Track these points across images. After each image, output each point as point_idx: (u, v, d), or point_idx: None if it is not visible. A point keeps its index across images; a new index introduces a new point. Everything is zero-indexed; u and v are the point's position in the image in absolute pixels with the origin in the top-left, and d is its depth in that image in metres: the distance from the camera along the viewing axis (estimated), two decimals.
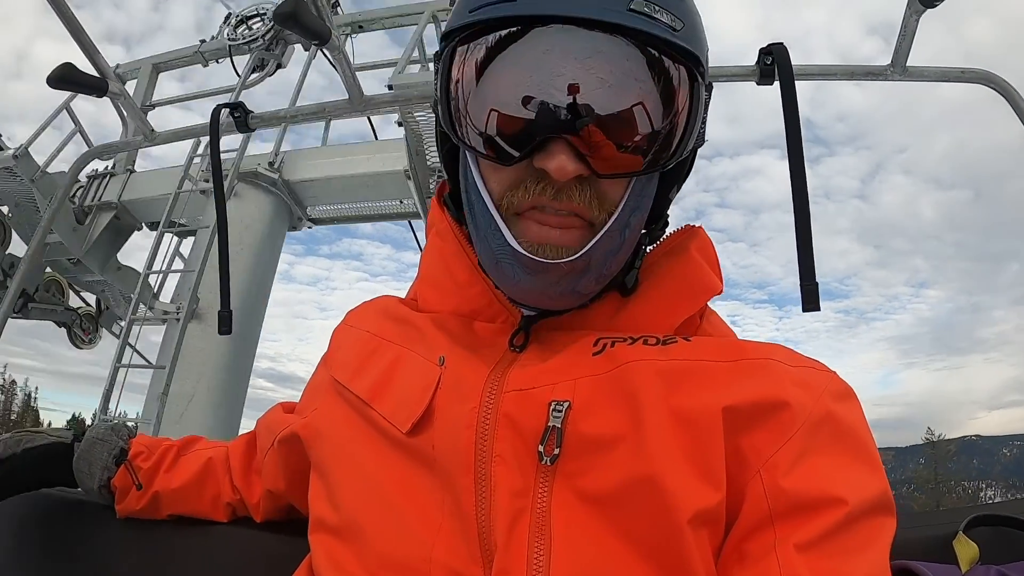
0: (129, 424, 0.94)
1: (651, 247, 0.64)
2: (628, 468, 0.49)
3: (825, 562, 0.47)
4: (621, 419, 0.51)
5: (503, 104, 0.52)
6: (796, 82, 1.13)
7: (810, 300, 1.22)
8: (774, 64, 1.10)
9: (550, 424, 0.50)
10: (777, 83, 1.10)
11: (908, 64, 1.22)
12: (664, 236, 0.65)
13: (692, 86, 0.54)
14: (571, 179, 0.51)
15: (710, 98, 0.60)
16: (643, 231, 0.63)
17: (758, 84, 1.13)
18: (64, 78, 1.39)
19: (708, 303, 0.65)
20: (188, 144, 4.91)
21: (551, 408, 0.51)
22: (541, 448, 0.49)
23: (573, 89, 0.50)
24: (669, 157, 0.55)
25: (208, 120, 1.33)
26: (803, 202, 1.19)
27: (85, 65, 1.42)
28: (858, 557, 0.48)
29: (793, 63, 1.14)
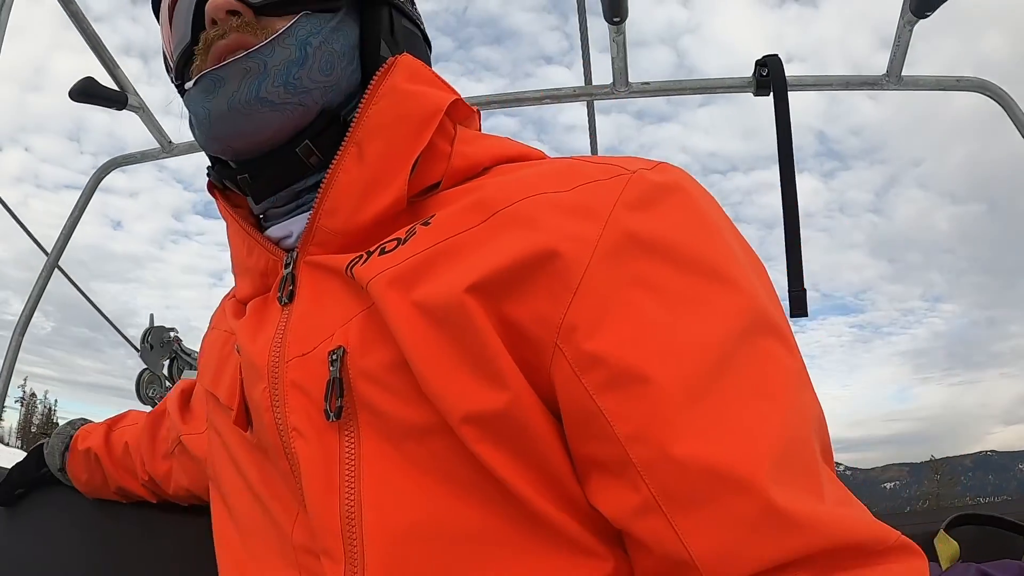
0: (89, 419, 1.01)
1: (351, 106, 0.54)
2: (406, 392, 0.42)
3: (695, 449, 0.36)
4: (388, 345, 0.43)
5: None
6: (797, 92, 1.17)
7: (798, 306, 1.25)
8: (769, 74, 1.14)
9: (331, 376, 0.44)
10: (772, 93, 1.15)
11: (903, 73, 1.25)
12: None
13: None
14: (229, 18, 0.50)
15: None
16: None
17: (755, 95, 1.17)
18: (85, 91, 1.45)
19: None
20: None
21: (330, 360, 0.45)
22: (327, 405, 0.44)
23: None
24: None
25: None
26: (792, 210, 1.23)
27: (105, 79, 1.49)
28: (735, 424, 0.37)
29: (789, 74, 1.19)
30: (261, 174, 0.53)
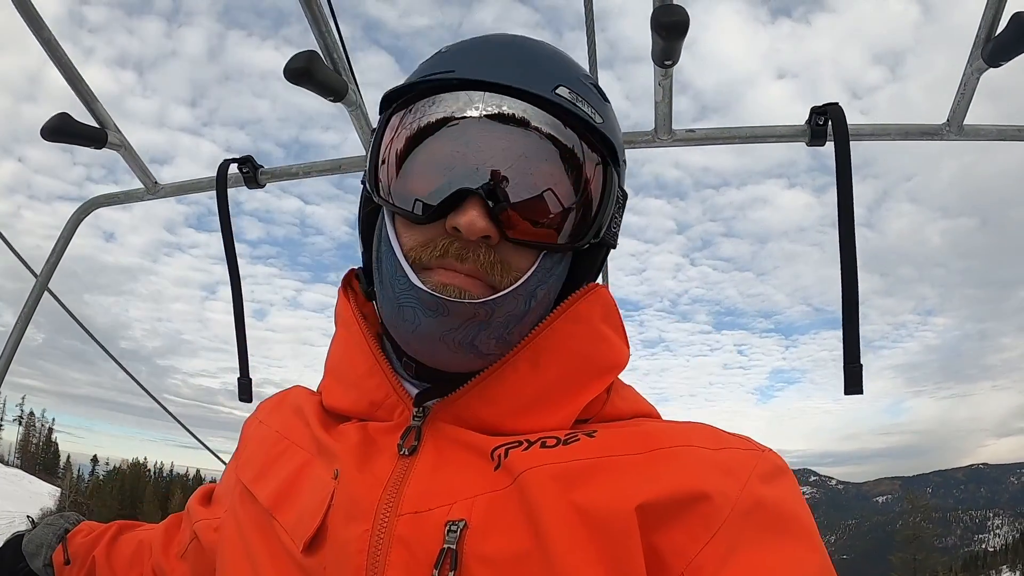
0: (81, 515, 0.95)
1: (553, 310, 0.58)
2: None
3: None
4: (523, 535, 0.47)
5: (427, 169, 0.53)
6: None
7: (853, 383, 1.08)
8: (826, 124, 1.02)
9: (445, 546, 0.47)
10: (830, 143, 1.03)
11: (965, 123, 1.14)
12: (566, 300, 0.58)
13: (606, 172, 0.56)
14: (479, 241, 0.51)
15: (624, 202, 0.61)
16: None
17: (808, 145, 1.05)
18: (59, 130, 1.29)
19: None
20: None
21: (447, 529, 0.47)
22: (436, 572, 0.46)
23: (494, 163, 0.52)
24: (581, 236, 0.56)
25: (215, 173, 1.26)
26: (852, 277, 1.07)
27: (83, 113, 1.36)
28: None
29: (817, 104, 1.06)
30: (434, 379, 0.57)
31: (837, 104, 1.00)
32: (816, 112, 1.02)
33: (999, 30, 0.95)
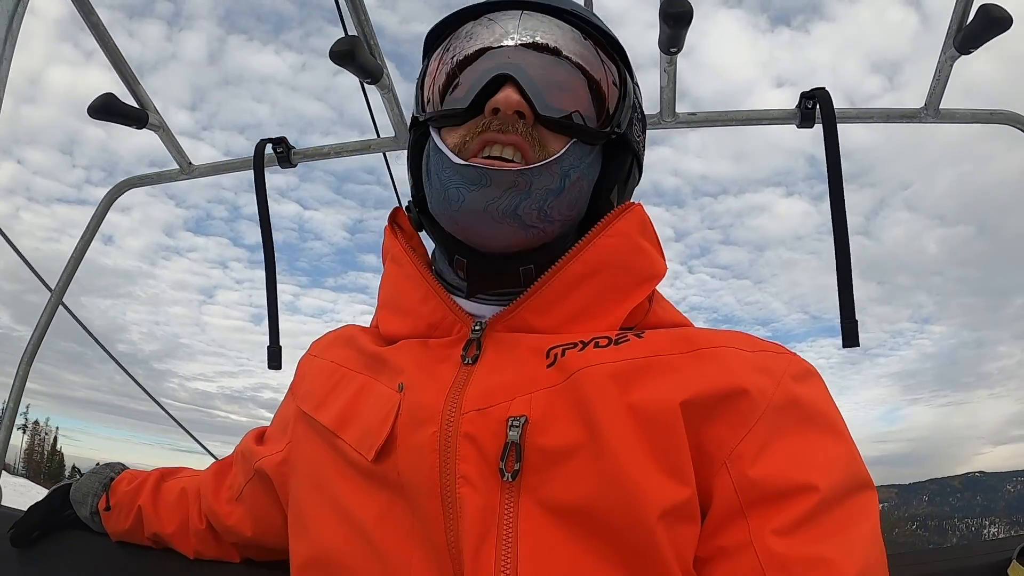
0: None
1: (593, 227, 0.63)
2: (590, 475, 0.49)
3: (804, 547, 0.47)
4: (578, 428, 0.50)
5: (465, 73, 0.61)
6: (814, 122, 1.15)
7: (850, 336, 1.22)
8: (814, 108, 1.13)
9: (509, 440, 0.50)
10: (819, 126, 1.14)
11: (941, 107, 1.25)
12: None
13: (620, 73, 0.64)
14: (515, 116, 0.57)
15: (644, 123, 0.69)
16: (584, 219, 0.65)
17: (798, 127, 1.15)
18: (105, 108, 1.40)
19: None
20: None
21: (509, 424, 0.51)
22: (502, 465, 0.49)
23: (524, 54, 0.59)
24: (603, 124, 0.62)
25: (251, 153, 1.35)
26: (843, 242, 1.20)
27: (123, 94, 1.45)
28: (839, 538, 0.47)
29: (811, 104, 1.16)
30: (482, 270, 0.61)
31: (824, 88, 1.10)
32: (805, 96, 1.12)
33: (969, 20, 1.05)
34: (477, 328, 0.59)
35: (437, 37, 0.66)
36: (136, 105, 1.44)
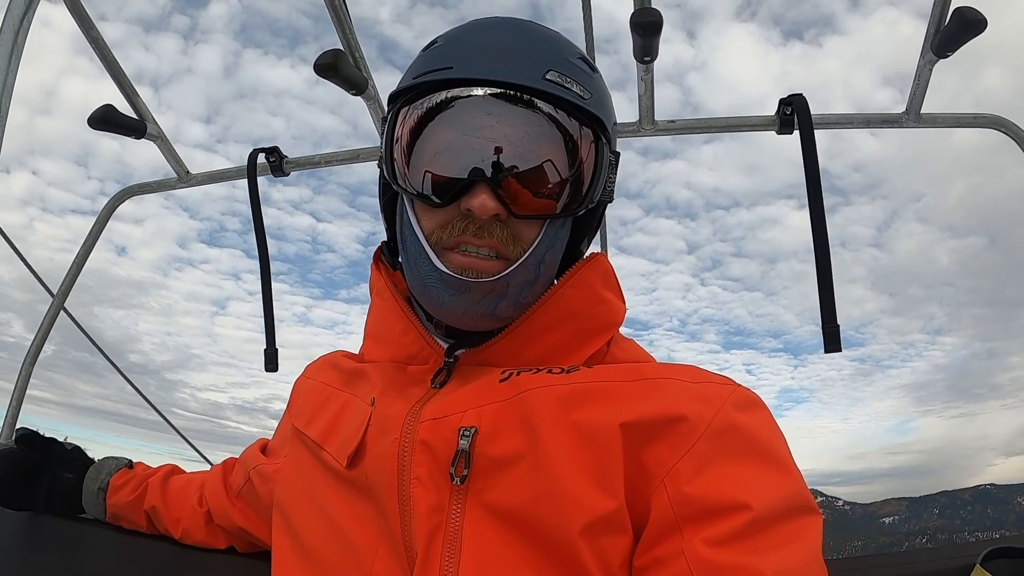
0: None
1: (558, 279, 0.67)
2: (528, 483, 0.54)
3: (735, 557, 0.49)
4: (522, 439, 0.55)
5: (438, 157, 0.61)
6: (815, 131, 1.17)
7: (832, 342, 1.24)
8: (794, 114, 1.15)
9: (460, 448, 0.56)
10: (797, 132, 1.16)
11: (922, 111, 1.27)
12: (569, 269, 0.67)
13: (596, 145, 0.64)
14: (491, 219, 0.59)
15: (617, 162, 0.68)
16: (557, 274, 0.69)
17: (778, 133, 1.17)
18: (104, 119, 1.44)
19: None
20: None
21: (460, 433, 0.56)
22: (452, 470, 0.55)
23: (496, 148, 0.59)
24: (578, 204, 0.63)
25: (244, 162, 1.39)
26: (823, 247, 1.22)
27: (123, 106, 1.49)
28: (772, 554, 0.49)
29: (812, 112, 1.19)
30: (460, 335, 0.67)
31: (801, 95, 1.12)
32: (783, 103, 1.14)
33: (945, 23, 1.07)
34: (451, 360, 0.65)
35: (405, 100, 0.64)
36: (135, 116, 1.48)
